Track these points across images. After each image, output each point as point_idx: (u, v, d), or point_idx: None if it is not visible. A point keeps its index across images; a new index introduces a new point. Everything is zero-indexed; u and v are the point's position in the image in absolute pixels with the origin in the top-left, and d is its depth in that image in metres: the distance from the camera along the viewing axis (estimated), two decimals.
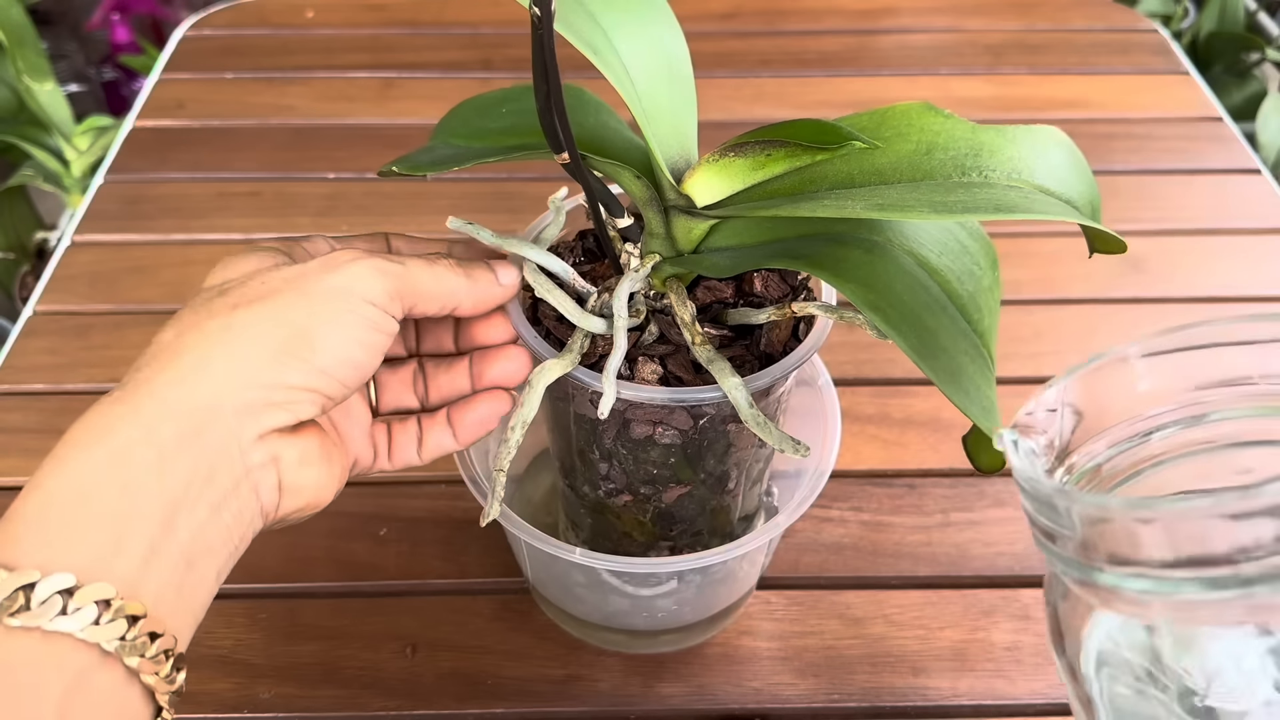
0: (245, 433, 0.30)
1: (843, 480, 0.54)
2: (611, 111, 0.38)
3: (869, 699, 0.46)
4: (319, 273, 0.31)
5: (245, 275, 0.32)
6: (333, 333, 0.31)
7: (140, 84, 1.06)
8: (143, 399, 0.29)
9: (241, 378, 0.30)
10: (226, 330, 0.30)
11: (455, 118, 0.41)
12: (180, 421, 0.29)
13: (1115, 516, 0.23)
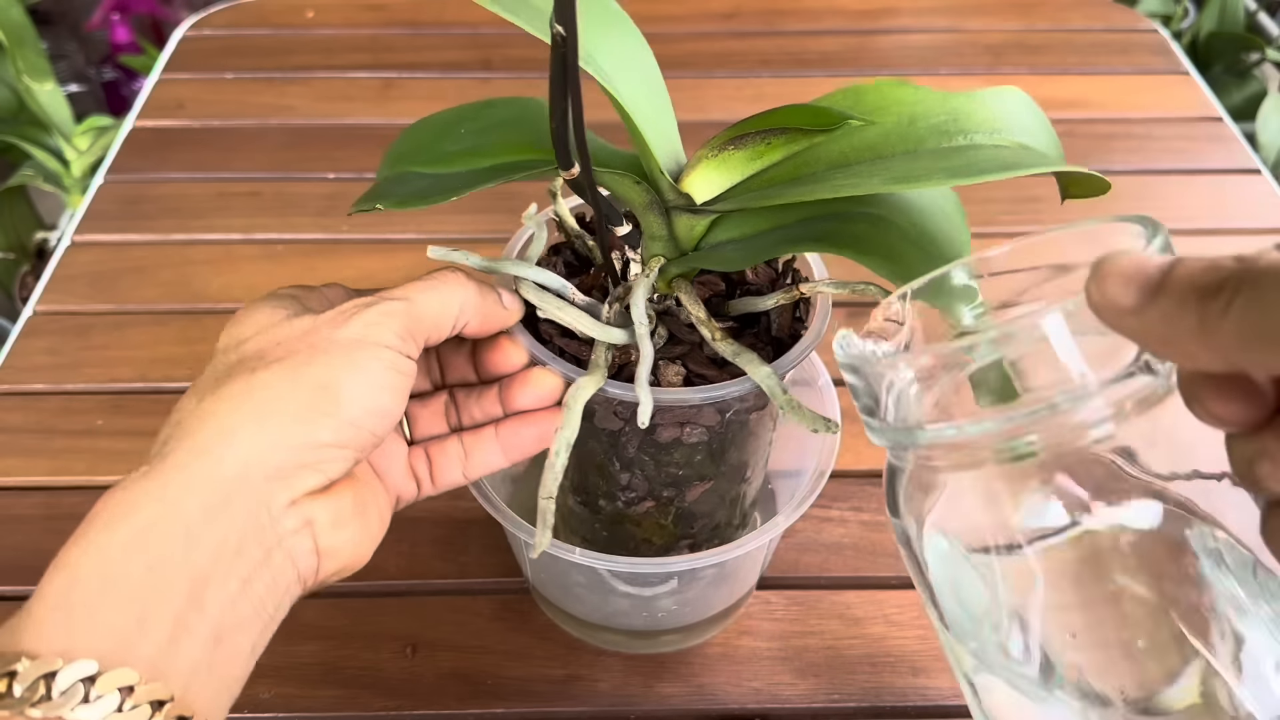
0: (276, 499, 0.29)
1: (843, 480, 0.54)
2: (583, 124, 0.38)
3: (869, 699, 0.46)
4: (331, 326, 0.31)
5: (259, 329, 0.32)
6: (355, 383, 0.30)
7: (140, 84, 1.06)
8: (167, 472, 0.28)
9: (268, 442, 0.29)
10: (248, 394, 0.29)
11: (410, 143, 0.38)
12: (206, 493, 0.28)
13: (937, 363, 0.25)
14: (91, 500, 0.56)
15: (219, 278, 0.66)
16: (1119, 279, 0.22)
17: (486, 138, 0.37)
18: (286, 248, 0.69)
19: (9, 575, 0.50)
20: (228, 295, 0.65)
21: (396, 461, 0.36)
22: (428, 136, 0.38)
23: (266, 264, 0.67)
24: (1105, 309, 0.22)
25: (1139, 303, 0.21)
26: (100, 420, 0.58)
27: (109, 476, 0.55)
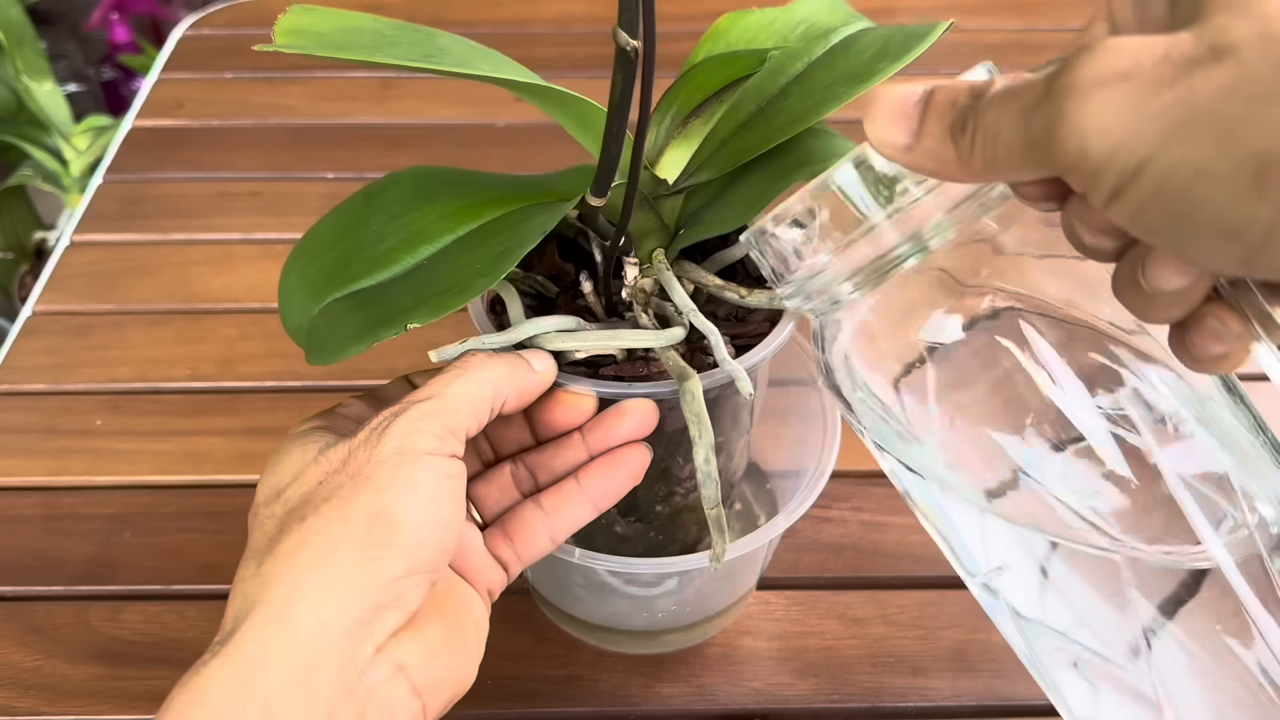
0: (361, 653, 0.27)
1: (843, 480, 0.54)
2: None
3: (869, 699, 0.46)
4: (366, 448, 0.29)
5: (295, 474, 0.30)
6: (408, 503, 0.28)
7: (139, 84, 1.06)
8: (238, 649, 0.26)
9: (338, 591, 0.27)
10: (303, 546, 0.27)
11: (320, 265, 0.34)
12: (284, 665, 0.26)
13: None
14: (90, 500, 0.57)
15: (218, 278, 0.66)
16: (886, 119, 0.23)
17: (403, 225, 0.34)
18: (286, 248, 0.68)
19: (7, 575, 0.50)
20: (227, 295, 0.65)
21: (475, 554, 0.33)
22: (334, 254, 0.34)
23: (266, 264, 0.67)
24: (881, 148, 0.24)
25: (907, 141, 0.23)
26: (99, 420, 0.57)
27: (107, 476, 0.54)
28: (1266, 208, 0.18)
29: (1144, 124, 0.19)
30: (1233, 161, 0.18)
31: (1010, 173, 0.22)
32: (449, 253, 0.32)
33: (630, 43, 0.25)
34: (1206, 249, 0.20)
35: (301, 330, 0.32)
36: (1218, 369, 0.23)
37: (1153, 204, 0.19)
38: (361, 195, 0.34)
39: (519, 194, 0.34)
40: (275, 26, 0.27)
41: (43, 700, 0.45)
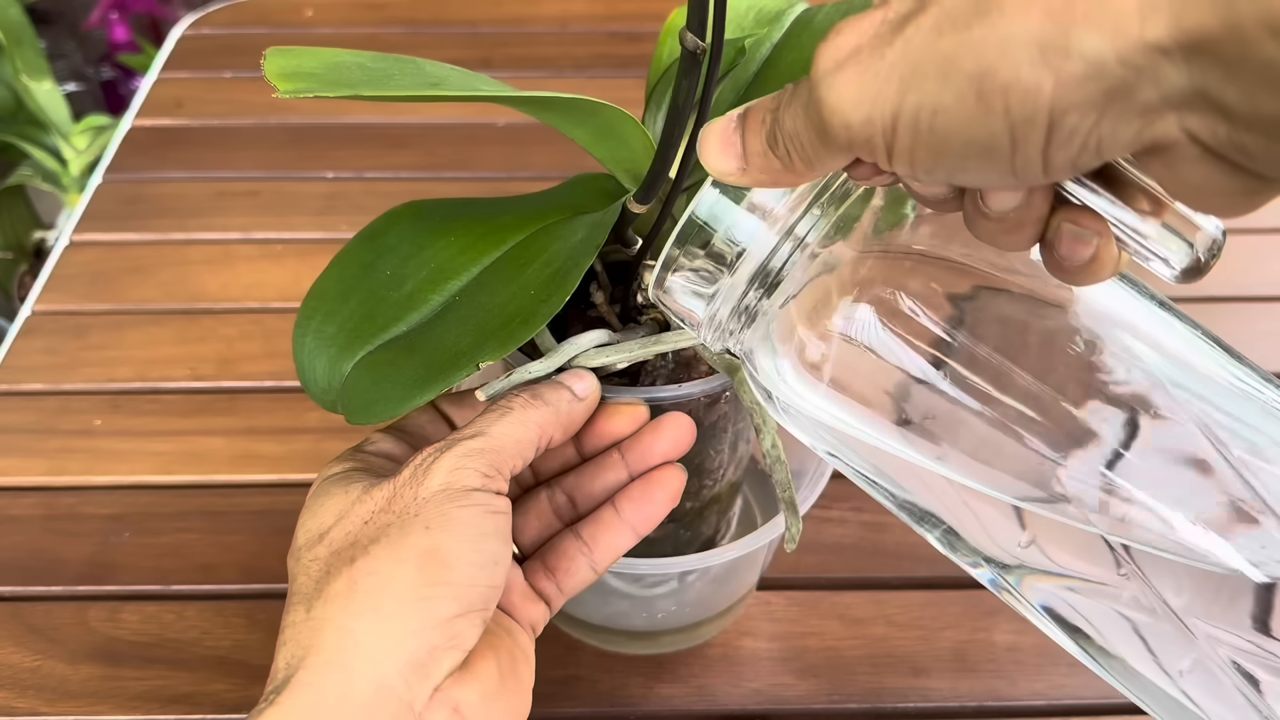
0: (418, 696, 0.26)
1: (843, 480, 0.54)
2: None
3: (870, 700, 0.46)
4: (412, 485, 0.29)
5: (339, 515, 0.29)
6: (458, 539, 0.28)
7: (138, 83, 1.06)
8: (296, 697, 0.26)
9: (393, 634, 0.26)
10: (354, 589, 0.27)
11: (331, 324, 0.32)
12: (342, 714, 0.26)
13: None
14: (89, 500, 0.56)
15: (217, 277, 0.66)
16: (716, 151, 0.25)
17: (438, 251, 0.33)
18: (285, 247, 0.69)
19: (6, 575, 0.50)
20: (226, 295, 0.65)
21: (516, 590, 0.33)
22: (350, 306, 0.32)
23: (265, 264, 0.67)
24: (722, 177, 0.25)
25: (739, 165, 0.25)
26: (98, 420, 0.57)
27: (106, 477, 0.54)
28: (998, 121, 0.19)
29: (882, 84, 0.20)
30: (955, 91, 0.20)
31: (826, 165, 0.23)
32: (485, 284, 0.32)
33: (699, 44, 0.25)
34: (979, 172, 0.21)
35: (332, 392, 0.31)
36: (1095, 275, 0.24)
37: (918, 150, 0.21)
38: (360, 241, 0.33)
39: (531, 214, 0.34)
40: (266, 70, 0.27)
41: (42, 700, 0.45)
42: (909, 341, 0.27)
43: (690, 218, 0.28)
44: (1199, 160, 0.19)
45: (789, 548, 0.34)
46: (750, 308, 0.29)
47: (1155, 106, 0.18)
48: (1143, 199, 0.22)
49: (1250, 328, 0.63)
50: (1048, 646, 0.47)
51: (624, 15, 0.90)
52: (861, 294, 0.28)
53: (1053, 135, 0.19)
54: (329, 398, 0.31)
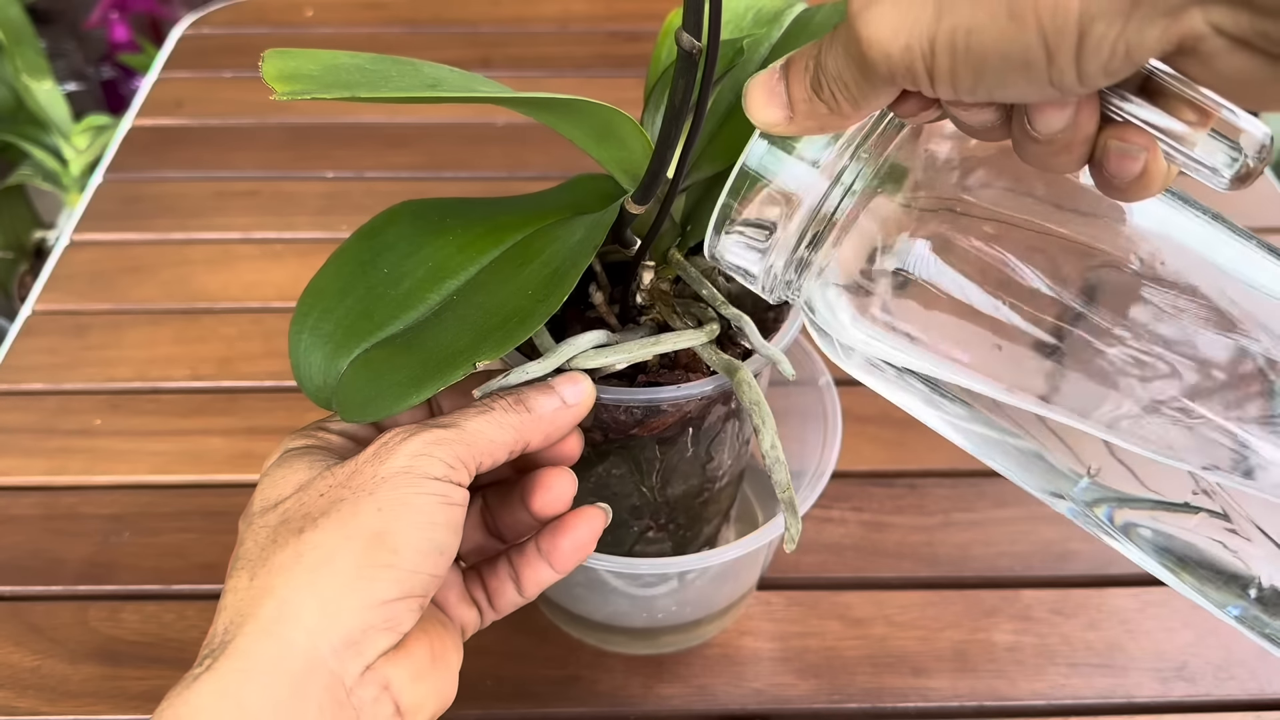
0: (349, 672, 0.27)
1: (843, 480, 0.54)
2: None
3: (870, 700, 0.46)
4: (373, 463, 0.29)
5: (297, 486, 0.29)
6: (409, 525, 0.28)
7: (139, 83, 1.06)
8: (229, 665, 0.26)
9: (330, 610, 0.27)
10: (299, 561, 0.27)
11: (327, 321, 0.31)
12: (275, 685, 0.26)
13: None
14: (89, 499, 0.56)
15: (217, 277, 0.66)
16: (762, 103, 0.26)
17: (436, 250, 0.32)
18: (285, 247, 0.69)
19: (6, 575, 0.50)
20: (226, 295, 0.65)
21: (454, 590, 0.33)
22: (351, 301, 0.32)
23: (265, 263, 0.67)
24: (769, 129, 0.26)
25: (785, 114, 0.25)
26: (98, 420, 0.57)
27: (106, 476, 0.54)
28: (1031, 34, 0.20)
29: (918, 11, 0.21)
30: (988, 10, 0.21)
31: (872, 102, 0.24)
32: (483, 283, 0.31)
33: (694, 44, 0.25)
34: (1019, 86, 0.22)
35: (327, 389, 0.31)
36: (1145, 189, 0.24)
37: (958, 70, 0.22)
38: (358, 239, 0.33)
39: (530, 214, 0.34)
40: (264, 73, 0.26)
41: (42, 700, 0.45)
42: (973, 275, 0.28)
43: (741, 169, 0.28)
44: (1229, 52, 0.20)
45: (789, 548, 0.34)
46: (805, 256, 0.29)
47: (1178, 4, 0.19)
48: (1187, 110, 0.23)
49: None
50: (1048, 646, 0.47)
51: (624, 15, 0.90)
52: (921, 230, 0.28)
53: (1084, 43, 0.20)
54: (324, 395, 0.31)
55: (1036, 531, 0.52)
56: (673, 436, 0.36)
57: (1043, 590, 0.49)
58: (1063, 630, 0.48)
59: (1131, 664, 0.47)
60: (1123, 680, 0.46)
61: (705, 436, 0.37)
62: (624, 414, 0.35)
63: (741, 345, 0.35)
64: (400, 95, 0.27)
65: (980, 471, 0.55)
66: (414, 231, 0.33)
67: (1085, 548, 0.51)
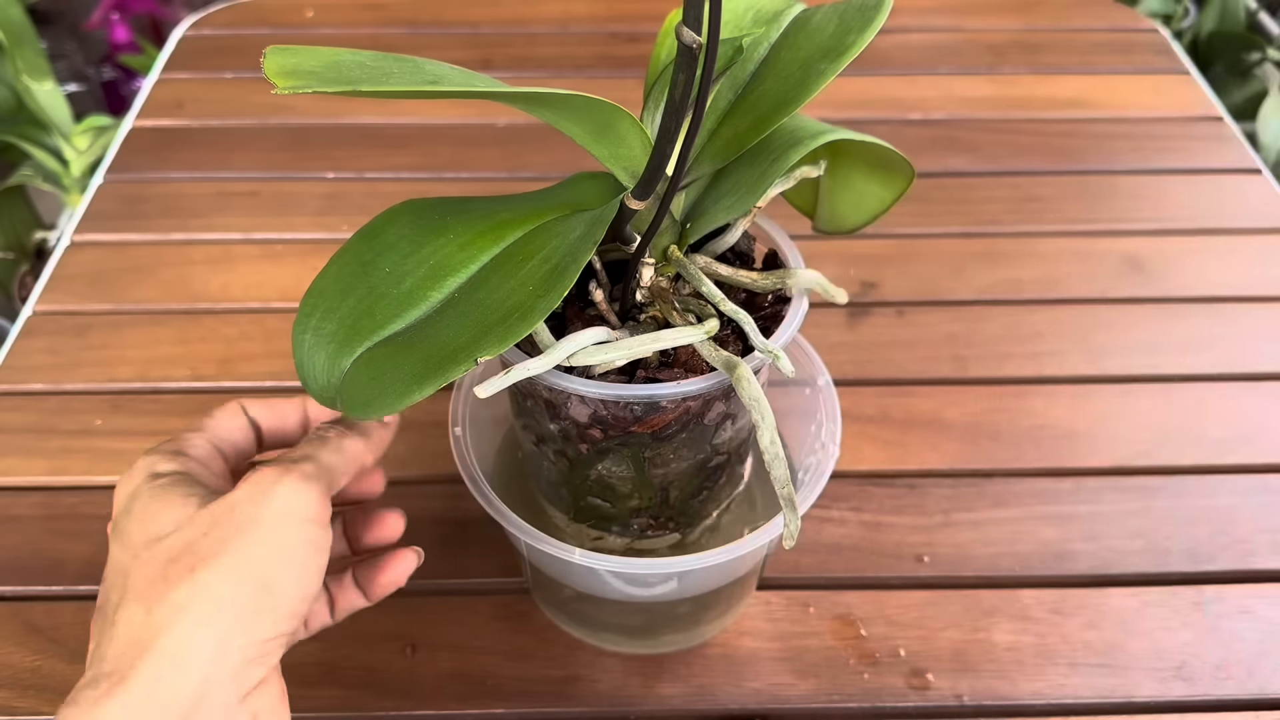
0: (229, 702, 0.30)
1: (843, 480, 0.54)
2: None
3: (869, 699, 0.46)
4: (252, 504, 0.32)
5: (177, 525, 0.32)
6: (291, 575, 0.32)
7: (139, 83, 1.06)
8: (136, 689, 0.29)
9: (222, 648, 0.30)
10: (193, 599, 0.30)
11: (329, 321, 0.32)
12: (170, 711, 0.29)
13: None
14: (90, 500, 0.56)
15: (218, 277, 0.66)
16: None
17: (437, 249, 0.33)
18: (286, 247, 0.69)
19: (7, 575, 0.50)
20: (227, 295, 0.65)
21: None
22: (353, 300, 0.32)
23: (266, 264, 0.67)
24: None
25: None
26: (99, 420, 0.57)
27: (107, 476, 0.54)
28: None
29: None
30: None
31: None
32: (484, 280, 0.32)
33: (695, 40, 0.25)
34: None
35: (331, 388, 0.31)
36: None
37: None
38: (359, 239, 0.33)
39: (530, 212, 0.34)
40: (266, 68, 0.27)
41: (42, 700, 0.45)
42: None
43: None
44: None
45: (788, 544, 0.34)
46: None
47: None
48: None
49: (1250, 328, 0.63)
50: (1047, 646, 0.47)
51: (624, 16, 0.90)
52: None
53: None
54: (328, 394, 0.31)
55: (1036, 531, 0.52)
56: (672, 434, 0.36)
57: (1042, 590, 0.50)
58: (1062, 630, 0.48)
59: (1130, 664, 0.47)
60: (1122, 680, 0.46)
61: (705, 434, 0.37)
62: (624, 410, 0.35)
63: (741, 342, 0.36)
64: (401, 89, 0.27)
65: (980, 471, 0.55)
66: (414, 231, 0.33)
67: (1085, 548, 0.51)
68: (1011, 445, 0.56)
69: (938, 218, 0.71)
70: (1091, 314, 0.64)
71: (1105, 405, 0.58)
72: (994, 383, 0.60)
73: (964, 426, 0.57)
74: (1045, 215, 0.71)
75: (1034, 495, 0.54)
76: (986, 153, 0.76)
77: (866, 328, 0.63)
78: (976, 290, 0.65)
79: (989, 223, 0.70)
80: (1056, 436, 0.57)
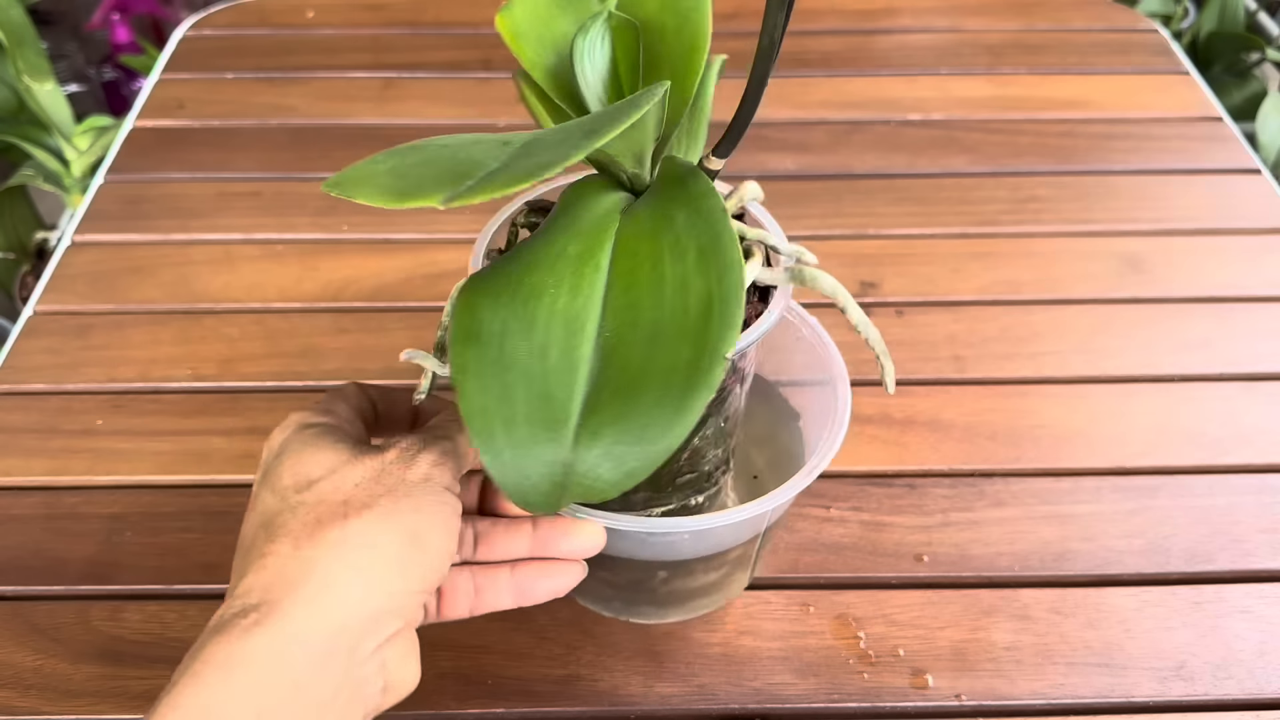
0: (365, 646, 0.31)
1: (843, 480, 0.54)
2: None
3: (869, 699, 0.46)
4: (400, 467, 0.33)
5: (328, 470, 0.33)
6: (437, 530, 0.32)
7: (140, 84, 1.06)
8: (282, 623, 0.29)
9: (367, 592, 0.31)
10: (345, 542, 0.31)
11: (517, 428, 0.28)
12: (313, 646, 0.30)
13: None
14: (91, 500, 0.56)
15: (219, 278, 0.66)
16: None
17: (544, 308, 0.30)
18: (287, 247, 0.69)
19: (8, 575, 0.50)
20: (228, 295, 0.65)
21: None
22: (521, 401, 0.28)
23: (267, 264, 0.67)
24: None
25: None
26: (100, 420, 0.58)
27: (108, 476, 0.55)
28: None
29: None
30: None
31: None
32: (629, 303, 0.29)
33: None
34: None
35: (557, 490, 0.28)
36: None
37: None
38: (464, 346, 0.29)
39: (587, 228, 0.32)
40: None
41: (44, 700, 0.45)
42: None
43: None
44: None
45: (890, 389, 0.36)
46: None
47: None
48: None
49: (1250, 328, 0.63)
50: (1046, 646, 0.47)
51: None
52: None
53: None
54: (555, 497, 0.28)
55: (1035, 531, 0.52)
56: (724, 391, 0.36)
57: (1041, 590, 0.50)
58: (1061, 630, 0.48)
59: (1130, 663, 0.47)
60: (1121, 680, 0.46)
61: (716, 403, 0.37)
62: None
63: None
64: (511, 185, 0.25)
65: (979, 472, 0.55)
66: (505, 307, 0.29)
67: (1084, 547, 0.51)
68: (1010, 445, 0.56)
69: (937, 218, 0.71)
70: (1091, 314, 0.64)
71: (1104, 405, 0.59)
72: (993, 383, 0.60)
73: (963, 427, 0.57)
74: (1044, 215, 0.71)
75: (1033, 495, 0.54)
76: (986, 153, 0.76)
77: None
78: (976, 290, 0.65)
79: (988, 223, 0.70)
80: (1055, 436, 0.57)
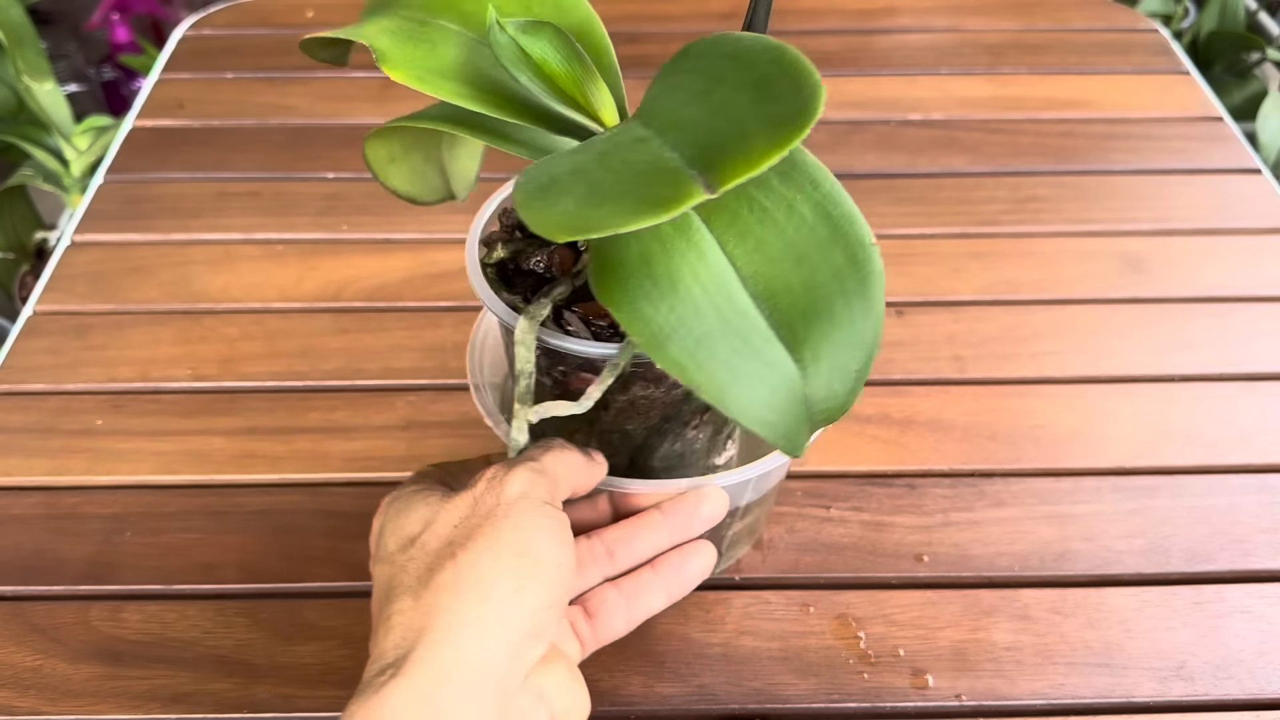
0: (513, 677, 0.30)
1: (842, 480, 0.54)
2: None
3: (869, 699, 0.46)
4: (491, 492, 0.32)
5: (426, 521, 0.33)
6: (542, 539, 0.31)
7: (140, 84, 1.06)
8: (418, 670, 0.29)
9: (499, 618, 0.30)
10: (458, 578, 0.30)
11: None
12: (458, 686, 0.29)
13: None
14: (91, 500, 0.56)
15: (219, 278, 0.66)
16: None
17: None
18: (286, 247, 0.69)
19: (8, 575, 0.50)
20: (228, 295, 0.65)
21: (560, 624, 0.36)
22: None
23: (267, 264, 0.67)
24: None
25: None
26: (100, 420, 0.58)
27: (108, 476, 0.55)
28: None
29: None
30: None
31: None
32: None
33: None
34: None
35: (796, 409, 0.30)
36: None
37: None
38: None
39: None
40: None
41: (43, 700, 0.45)
42: None
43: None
44: None
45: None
46: None
47: None
48: None
49: (1250, 328, 0.63)
50: (1046, 646, 0.47)
51: (624, 16, 0.90)
52: None
53: None
54: (802, 432, 0.29)
55: (1035, 531, 0.52)
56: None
57: (1041, 590, 0.50)
58: (1061, 630, 0.48)
59: (1130, 663, 0.47)
60: (1121, 679, 0.46)
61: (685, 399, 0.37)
62: None
63: None
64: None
65: (979, 472, 0.55)
66: (663, 298, 0.29)
67: (1084, 547, 0.51)
68: (1010, 445, 0.56)
69: (937, 218, 0.71)
70: (1091, 314, 0.64)
71: (1104, 405, 0.59)
72: (993, 383, 0.60)
73: (963, 427, 0.57)
74: (1044, 215, 0.71)
75: (1033, 495, 0.54)
76: (985, 153, 0.76)
77: None
78: (976, 290, 0.65)
79: (988, 223, 0.70)
80: (1056, 436, 0.57)
